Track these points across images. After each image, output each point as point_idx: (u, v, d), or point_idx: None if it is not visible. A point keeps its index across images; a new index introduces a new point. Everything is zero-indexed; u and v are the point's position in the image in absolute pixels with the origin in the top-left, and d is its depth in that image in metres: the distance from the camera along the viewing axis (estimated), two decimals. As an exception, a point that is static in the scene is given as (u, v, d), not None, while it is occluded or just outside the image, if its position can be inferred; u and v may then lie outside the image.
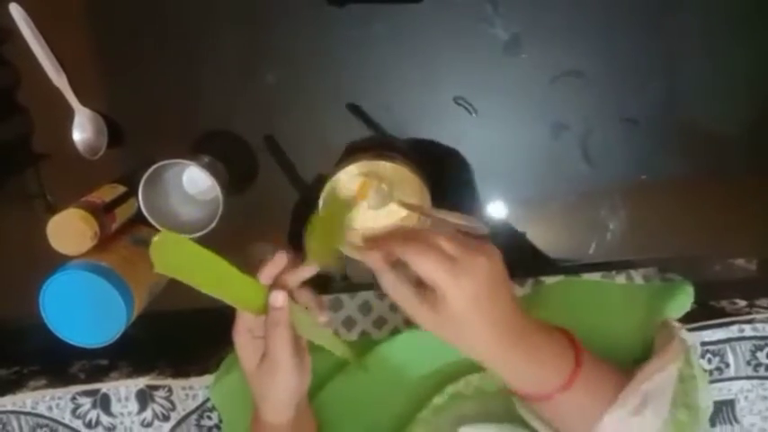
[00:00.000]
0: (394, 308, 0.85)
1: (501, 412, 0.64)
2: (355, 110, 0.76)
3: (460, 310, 0.51)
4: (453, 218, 0.62)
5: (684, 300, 0.79)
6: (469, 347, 0.54)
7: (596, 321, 0.61)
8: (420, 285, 0.52)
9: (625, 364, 0.61)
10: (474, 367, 0.71)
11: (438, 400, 0.70)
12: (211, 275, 0.56)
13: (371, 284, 0.82)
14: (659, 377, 0.58)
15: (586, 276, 0.81)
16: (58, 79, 0.74)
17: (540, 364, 0.55)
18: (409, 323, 0.84)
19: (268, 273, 0.60)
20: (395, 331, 0.83)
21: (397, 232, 0.56)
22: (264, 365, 0.60)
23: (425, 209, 0.66)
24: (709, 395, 0.62)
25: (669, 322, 0.74)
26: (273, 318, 0.59)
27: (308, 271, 0.60)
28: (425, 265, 0.51)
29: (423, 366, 0.74)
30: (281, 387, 0.60)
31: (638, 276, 0.83)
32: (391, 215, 0.70)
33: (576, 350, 0.56)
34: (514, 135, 0.77)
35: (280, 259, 0.60)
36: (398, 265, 0.53)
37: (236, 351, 0.62)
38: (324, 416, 0.72)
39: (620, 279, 0.82)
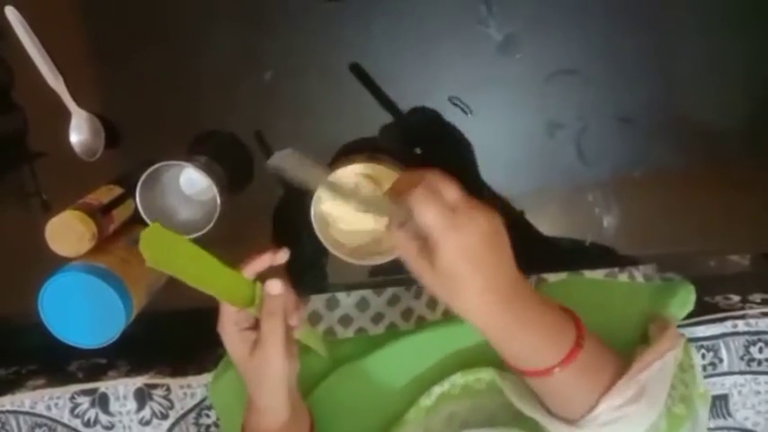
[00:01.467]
0: (391, 303, 0.86)
1: (493, 407, 0.64)
2: (351, 108, 0.76)
3: (451, 261, 0.51)
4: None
5: (686, 297, 0.79)
6: (463, 307, 0.53)
7: (599, 319, 0.61)
8: (423, 240, 0.52)
9: (627, 360, 0.61)
10: (457, 366, 0.72)
11: (425, 401, 0.71)
12: (198, 269, 0.57)
13: (370, 282, 0.84)
14: (658, 365, 0.58)
15: (588, 274, 0.82)
16: (55, 82, 0.74)
17: (539, 336, 0.55)
18: (406, 318, 0.85)
19: (253, 268, 0.61)
20: (391, 326, 0.83)
21: (407, 177, 0.56)
22: (258, 352, 0.61)
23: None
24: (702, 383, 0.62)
25: (662, 314, 0.74)
26: (270, 305, 0.60)
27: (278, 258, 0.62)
28: (426, 212, 0.51)
29: (413, 370, 0.75)
30: (276, 371, 0.61)
31: (639, 275, 0.83)
32: (379, 219, 0.69)
33: (579, 328, 0.56)
34: (510, 134, 0.78)
35: (266, 258, 0.61)
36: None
37: (225, 344, 0.62)
38: (316, 414, 0.73)
39: (623, 277, 0.82)
